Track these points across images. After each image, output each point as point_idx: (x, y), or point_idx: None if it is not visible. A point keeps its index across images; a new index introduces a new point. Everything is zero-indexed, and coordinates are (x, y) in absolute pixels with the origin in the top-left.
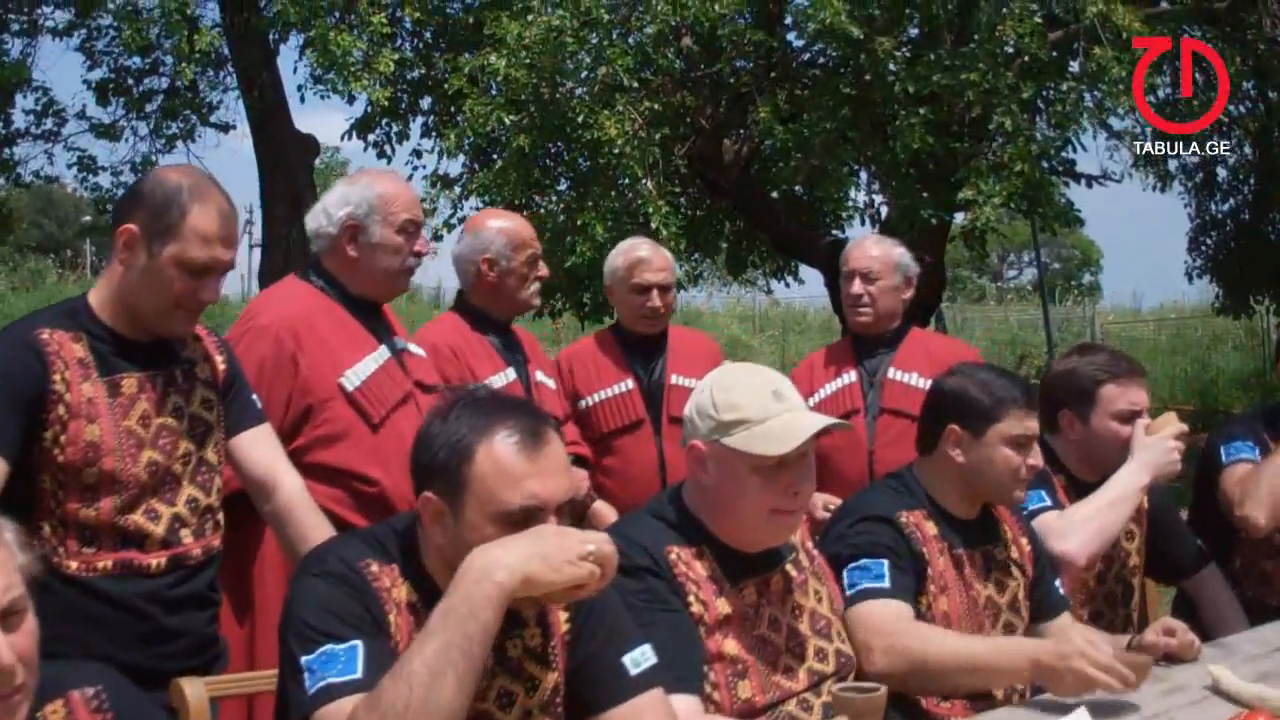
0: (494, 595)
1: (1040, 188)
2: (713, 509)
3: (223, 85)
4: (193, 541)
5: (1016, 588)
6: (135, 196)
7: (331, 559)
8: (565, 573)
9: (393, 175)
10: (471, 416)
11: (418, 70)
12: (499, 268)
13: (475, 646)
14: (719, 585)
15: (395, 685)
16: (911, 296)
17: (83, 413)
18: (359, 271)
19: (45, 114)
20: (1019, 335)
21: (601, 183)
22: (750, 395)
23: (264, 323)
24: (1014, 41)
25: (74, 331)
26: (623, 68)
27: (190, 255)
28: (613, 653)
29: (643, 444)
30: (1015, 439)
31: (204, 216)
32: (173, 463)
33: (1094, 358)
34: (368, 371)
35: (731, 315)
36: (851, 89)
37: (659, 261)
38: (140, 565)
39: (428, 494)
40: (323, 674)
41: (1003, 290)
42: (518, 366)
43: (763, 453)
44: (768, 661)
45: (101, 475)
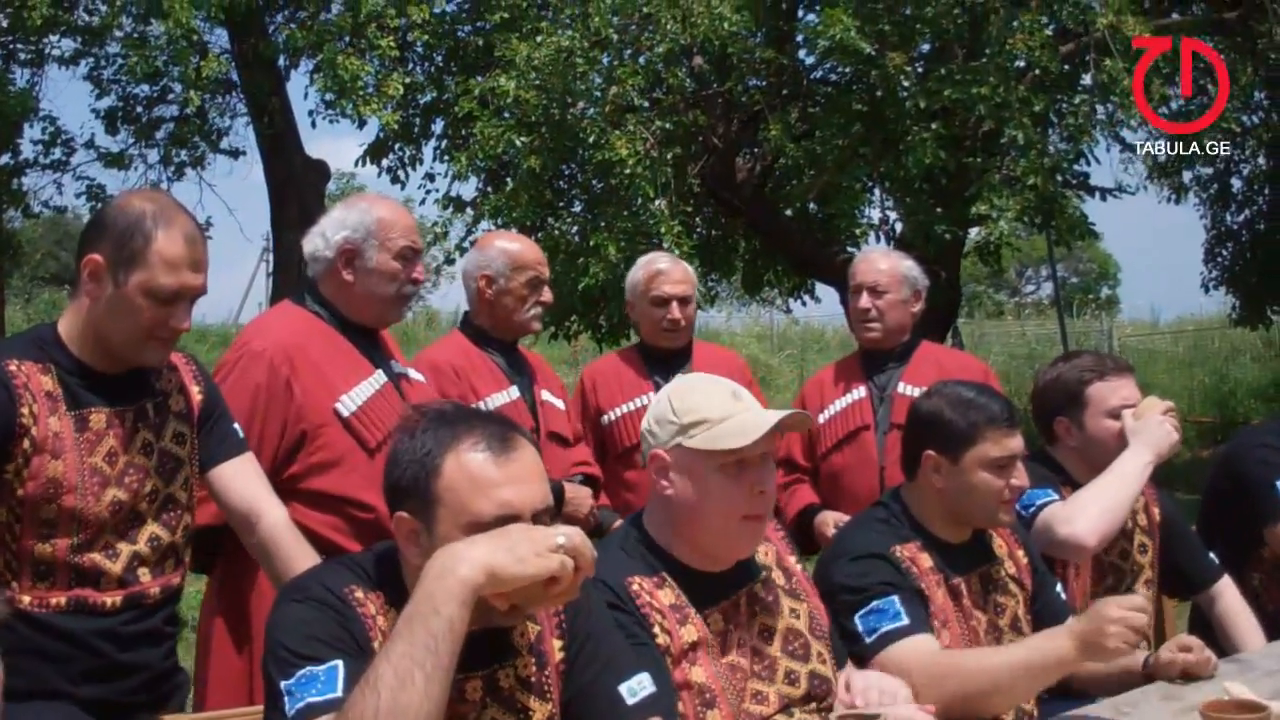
0: (456, 590)
1: (1054, 201)
2: (678, 523)
3: (232, 111)
4: (150, 580)
5: (1016, 606)
6: (98, 225)
7: (314, 585)
8: (532, 565)
9: (390, 201)
10: (437, 430)
11: (429, 94)
12: (496, 286)
13: (442, 644)
14: (682, 613)
15: (363, 693)
16: (921, 310)
17: (48, 447)
18: (354, 297)
19: (53, 144)
20: (1036, 350)
21: (614, 203)
22: (708, 397)
23: (258, 348)
24: (1025, 55)
25: (43, 363)
26: (633, 87)
27: (158, 283)
28: (610, 681)
29: None
30: (994, 461)
31: (169, 242)
32: (138, 501)
33: (1078, 361)
34: (364, 397)
35: (750, 335)
36: (863, 105)
37: (678, 274)
38: (94, 603)
39: (401, 514)
40: (302, 695)
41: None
42: (522, 386)
43: (727, 447)
44: (736, 689)
45: (61, 512)
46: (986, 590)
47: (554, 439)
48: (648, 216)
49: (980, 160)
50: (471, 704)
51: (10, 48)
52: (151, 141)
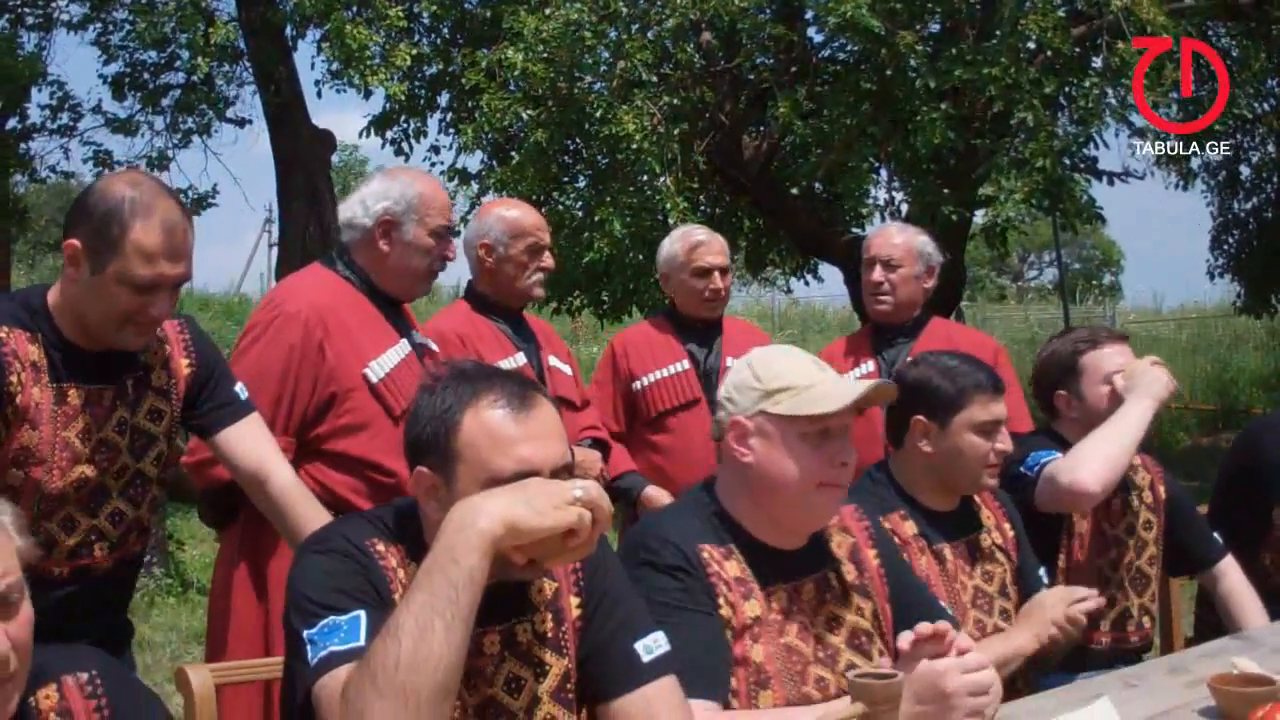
0: (476, 542)
1: (1061, 184)
2: (755, 491)
3: (239, 80)
4: (104, 555)
5: (1003, 574)
6: (81, 209)
7: (335, 538)
8: (550, 518)
9: (430, 178)
10: (457, 387)
11: (435, 65)
12: (496, 254)
13: (462, 594)
14: (747, 587)
15: (384, 642)
16: (934, 286)
17: (27, 416)
18: (387, 268)
19: (61, 109)
20: (1038, 334)
21: (620, 179)
22: (793, 365)
23: (292, 309)
24: (1036, 36)
25: (31, 332)
26: (641, 62)
27: (133, 273)
28: (625, 639)
29: (698, 423)
30: (981, 425)
31: (146, 232)
32: (105, 477)
33: (1071, 335)
34: (391, 364)
35: (750, 314)
36: (872, 84)
37: (717, 245)
38: (40, 571)
39: (421, 469)
40: (325, 644)
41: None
42: (529, 352)
43: (815, 412)
44: (793, 672)
45: (26, 481)
46: (974, 557)
47: (562, 403)
48: (653, 192)
49: (989, 142)
50: (489, 657)
51: (19, 11)
52: (158, 108)
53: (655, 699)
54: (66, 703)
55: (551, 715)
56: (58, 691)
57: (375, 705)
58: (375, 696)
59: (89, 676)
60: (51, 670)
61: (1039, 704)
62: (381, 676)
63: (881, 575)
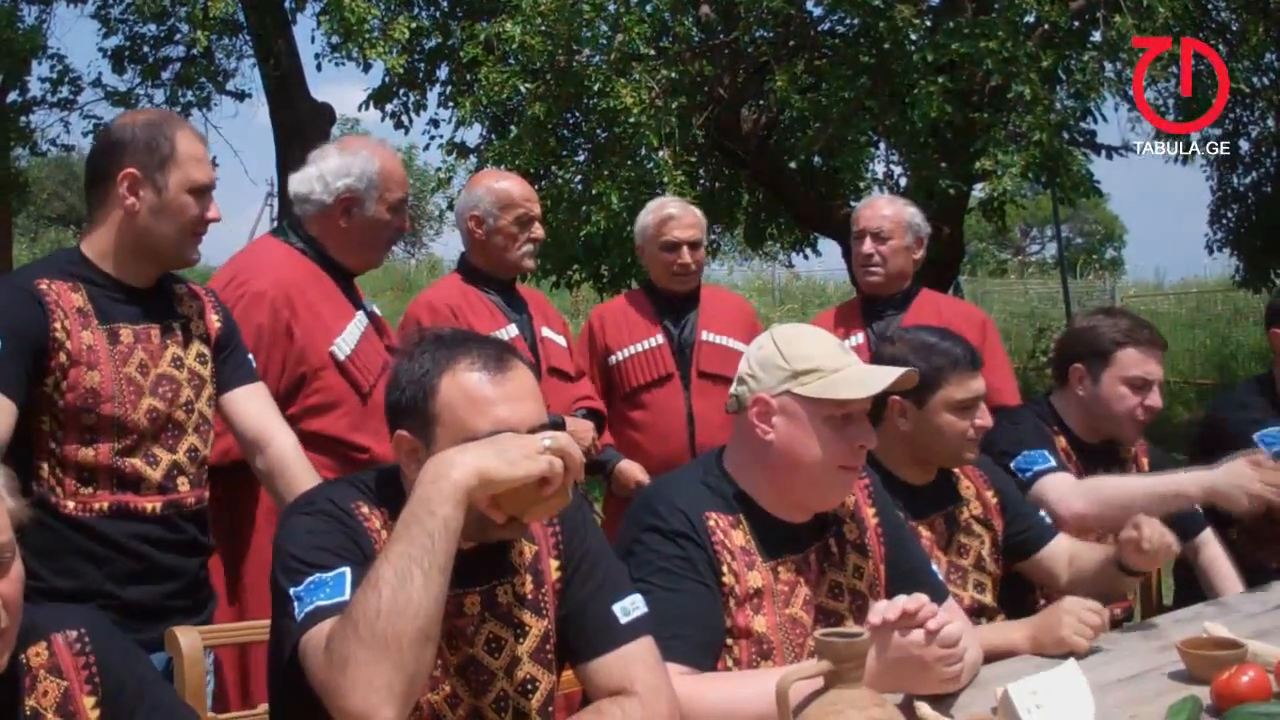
0: (449, 492)
1: (1059, 158)
2: (773, 469)
3: (238, 53)
4: (188, 489)
5: (980, 546)
6: (115, 145)
7: (321, 499)
8: (522, 467)
9: (387, 149)
10: (435, 351)
11: (434, 39)
12: (486, 225)
13: (439, 542)
14: (751, 558)
15: (365, 593)
16: (923, 257)
17: (83, 359)
18: (346, 243)
19: (61, 82)
20: (1038, 309)
21: (618, 152)
22: (820, 347)
23: (259, 289)
24: (1034, 10)
25: (71, 282)
26: (639, 36)
27: (194, 177)
28: (603, 601)
29: (672, 398)
30: (959, 404)
31: (189, 140)
32: (174, 410)
33: (1119, 320)
34: (355, 339)
35: (751, 288)
36: (870, 58)
37: (688, 219)
38: (136, 508)
39: (400, 432)
40: (311, 599)
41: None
42: (521, 323)
43: (841, 397)
44: (794, 643)
45: (100, 420)
46: (951, 532)
47: (555, 374)
48: (652, 166)
49: (987, 115)
50: (470, 618)
51: None
52: (158, 81)
53: (632, 659)
54: (56, 659)
55: (531, 675)
56: (48, 649)
57: (358, 653)
58: (357, 645)
59: (78, 634)
60: (42, 628)
61: (1009, 667)
62: (363, 626)
63: (879, 535)
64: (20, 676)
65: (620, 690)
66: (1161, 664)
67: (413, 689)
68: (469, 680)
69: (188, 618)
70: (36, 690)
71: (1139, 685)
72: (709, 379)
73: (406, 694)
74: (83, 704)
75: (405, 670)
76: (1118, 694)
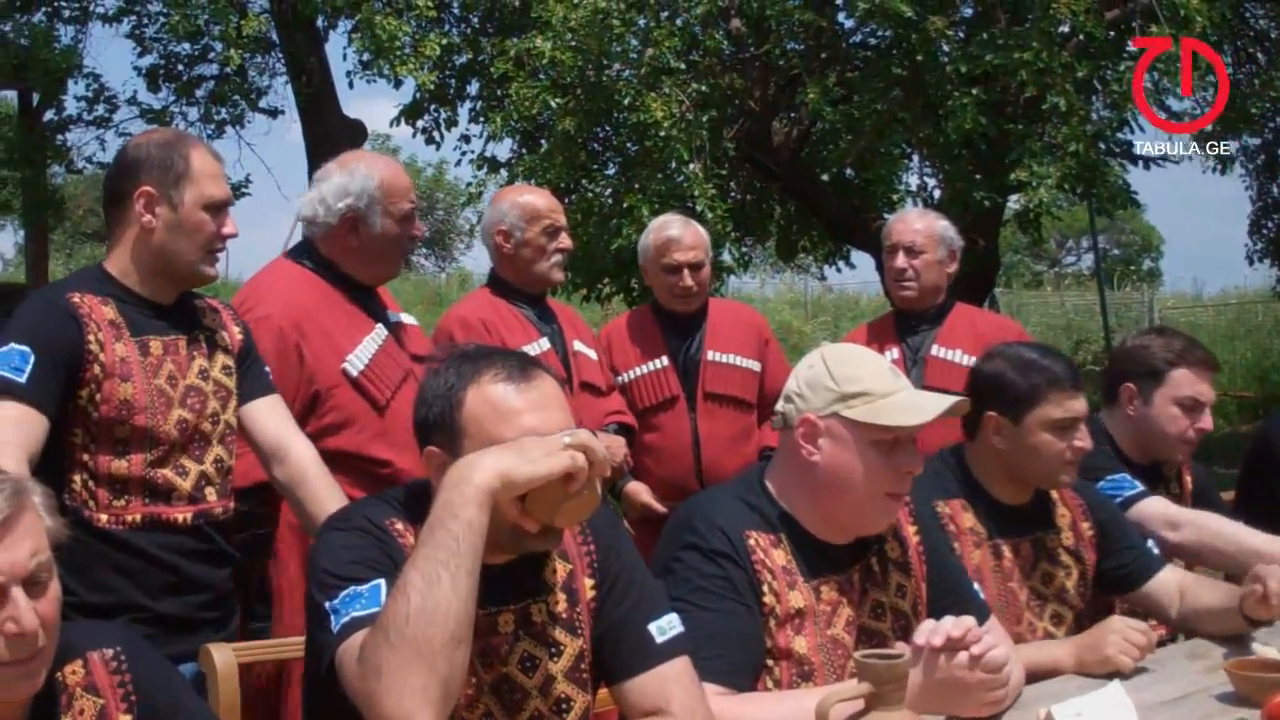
0: (472, 495)
1: (1095, 169)
2: (817, 491)
3: (271, 71)
4: (216, 499)
5: (1066, 578)
6: (130, 165)
7: (356, 516)
8: (543, 464)
9: (388, 160)
10: (459, 366)
11: (465, 55)
12: (514, 239)
13: (463, 544)
14: (793, 578)
15: (394, 600)
16: (956, 271)
17: (116, 371)
18: (358, 260)
19: (97, 100)
20: (1075, 321)
21: (648, 166)
22: (871, 370)
23: (264, 313)
24: (1069, 20)
25: (101, 296)
26: (670, 49)
27: (209, 193)
28: (639, 620)
29: (678, 420)
30: (1056, 423)
31: (201, 158)
32: (201, 421)
33: (1171, 340)
34: (369, 354)
35: (783, 301)
36: (903, 70)
37: (690, 239)
38: (167, 519)
39: (430, 448)
40: (346, 610)
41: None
42: (553, 337)
43: (891, 423)
44: (835, 665)
45: (134, 431)
46: (1037, 557)
47: (587, 388)
48: (682, 179)
49: (1021, 127)
50: (504, 636)
51: (55, 4)
52: (192, 99)
53: (668, 679)
54: (92, 677)
55: (565, 694)
56: (84, 667)
57: (390, 660)
58: (389, 652)
59: (114, 652)
60: (78, 646)
61: (1052, 689)
62: (394, 632)
63: (920, 553)
64: (57, 695)
65: (656, 710)
66: (1209, 685)
67: (448, 693)
68: (503, 699)
69: (216, 630)
70: (73, 709)
71: (1186, 707)
72: (715, 400)
73: (442, 698)
74: None
75: (439, 673)
76: (1163, 716)
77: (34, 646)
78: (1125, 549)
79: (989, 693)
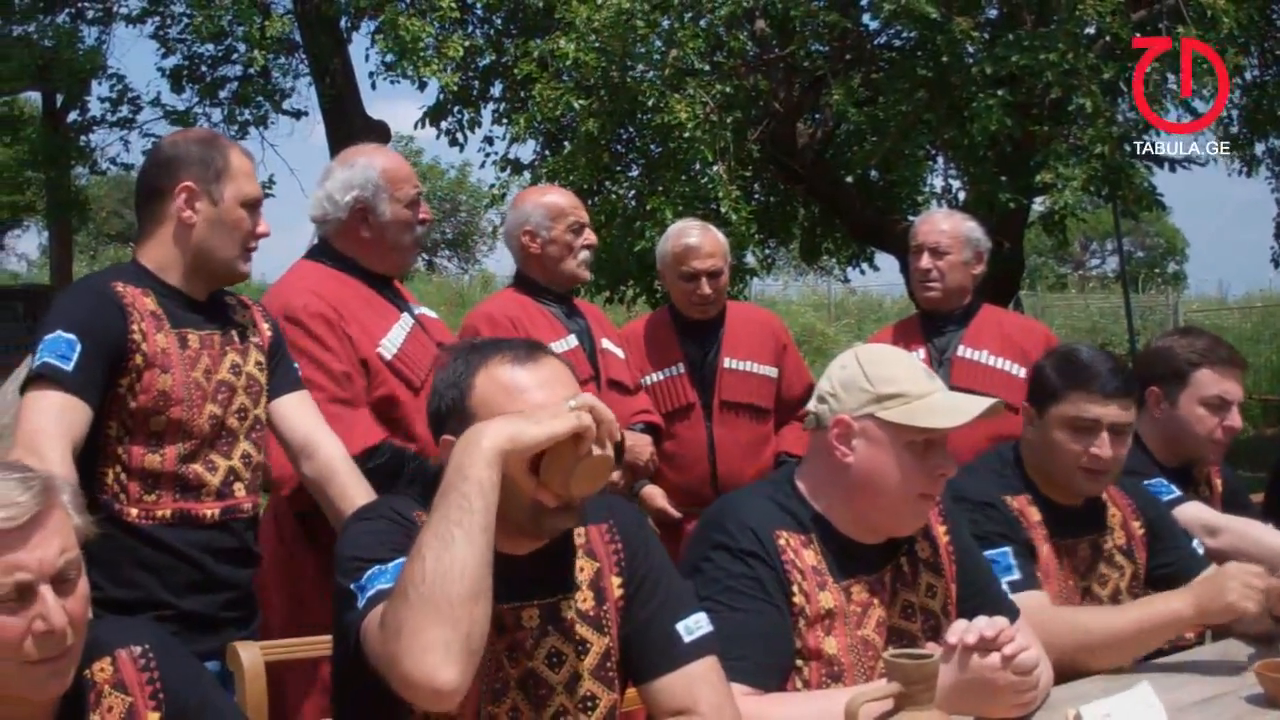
0: (479, 456)
1: (1121, 171)
2: (850, 492)
3: (295, 72)
4: (244, 495)
5: (1120, 580)
6: (170, 161)
7: (382, 507)
8: (549, 425)
9: (386, 150)
10: (468, 356)
11: (488, 56)
12: (540, 238)
13: (475, 502)
14: (824, 578)
15: (411, 563)
16: (983, 272)
17: (157, 362)
18: (374, 250)
19: (120, 101)
20: (1099, 323)
21: (672, 167)
22: (907, 372)
23: (303, 303)
24: (1095, 21)
25: (142, 287)
26: (694, 51)
27: (246, 190)
28: (666, 619)
29: (693, 428)
30: (1070, 422)
31: (239, 156)
32: (228, 417)
33: (1194, 340)
34: (400, 339)
35: (806, 304)
36: (928, 71)
37: (708, 247)
38: (196, 515)
39: (445, 437)
40: (371, 585)
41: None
42: (580, 335)
43: (927, 425)
44: (865, 665)
45: (169, 423)
46: (1094, 559)
47: (614, 386)
48: (706, 181)
49: (1047, 128)
50: (528, 631)
51: (79, 6)
52: (216, 100)
53: (696, 679)
54: (120, 675)
55: (591, 692)
56: (112, 664)
57: (410, 620)
58: (408, 612)
59: (142, 650)
60: (106, 643)
61: (1081, 689)
62: (412, 592)
63: (950, 553)
64: (85, 692)
65: (684, 710)
66: (1238, 687)
67: (471, 647)
68: (529, 694)
69: (239, 630)
70: (101, 706)
71: (1215, 708)
72: (731, 408)
73: (465, 653)
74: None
75: (460, 629)
76: (1193, 717)
77: (62, 645)
78: (1172, 548)
79: (1019, 694)
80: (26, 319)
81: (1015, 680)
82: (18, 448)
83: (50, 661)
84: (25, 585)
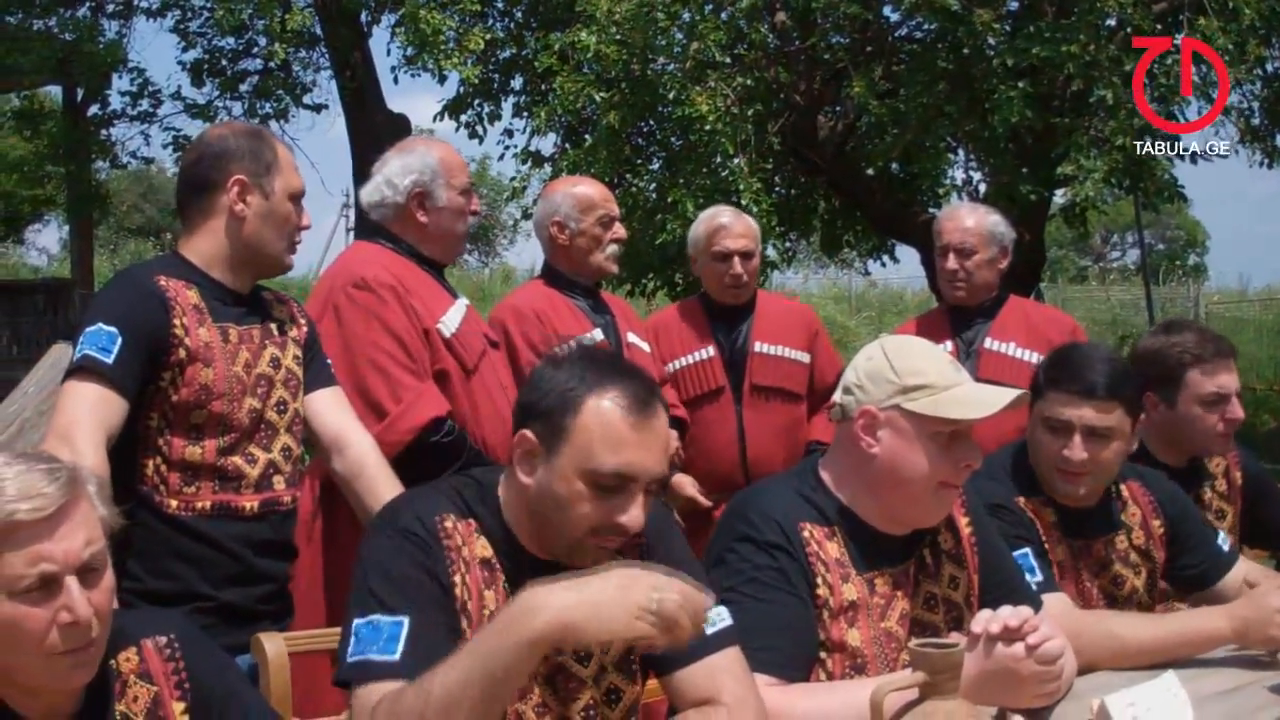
0: (525, 642)
1: (1142, 163)
2: (874, 483)
3: (315, 66)
4: (284, 488)
5: (1137, 579)
6: (221, 154)
7: (406, 514)
8: (609, 629)
9: (440, 142)
10: (585, 369)
11: (509, 49)
12: (569, 230)
13: (497, 687)
14: (847, 570)
15: (415, 696)
16: (1008, 264)
17: (200, 356)
18: (430, 235)
19: (141, 95)
20: (1120, 315)
21: (693, 160)
22: (932, 363)
23: (372, 273)
24: (1116, 13)
25: (185, 280)
26: (715, 43)
27: (294, 183)
28: None
29: (723, 412)
30: (1048, 420)
31: (284, 151)
32: (267, 410)
33: (1180, 338)
34: (457, 320)
35: (827, 296)
36: (949, 63)
37: (740, 228)
38: (236, 507)
39: (525, 431)
40: (365, 647)
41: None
42: (606, 328)
43: (953, 416)
44: (888, 657)
45: (210, 416)
46: (1108, 559)
47: None
48: (727, 173)
49: (1068, 120)
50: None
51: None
52: (236, 94)
53: (719, 670)
54: (146, 665)
55: (615, 684)
56: (138, 654)
57: None
58: None
59: (168, 640)
60: (132, 633)
61: (1106, 679)
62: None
63: (973, 544)
64: (111, 682)
65: (707, 701)
66: (1262, 677)
67: None
68: (557, 689)
69: (275, 623)
70: (127, 695)
71: (1239, 698)
72: (762, 392)
73: None
74: (172, 709)
75: None
76: (1217, 707)
77: (88, 636)
78: (1198, 547)
79: (1043, 684)
80: (47, 313)
81: (1039, 670)
82: (52, 437)
83: (75, 652)
84: (51, 576)
